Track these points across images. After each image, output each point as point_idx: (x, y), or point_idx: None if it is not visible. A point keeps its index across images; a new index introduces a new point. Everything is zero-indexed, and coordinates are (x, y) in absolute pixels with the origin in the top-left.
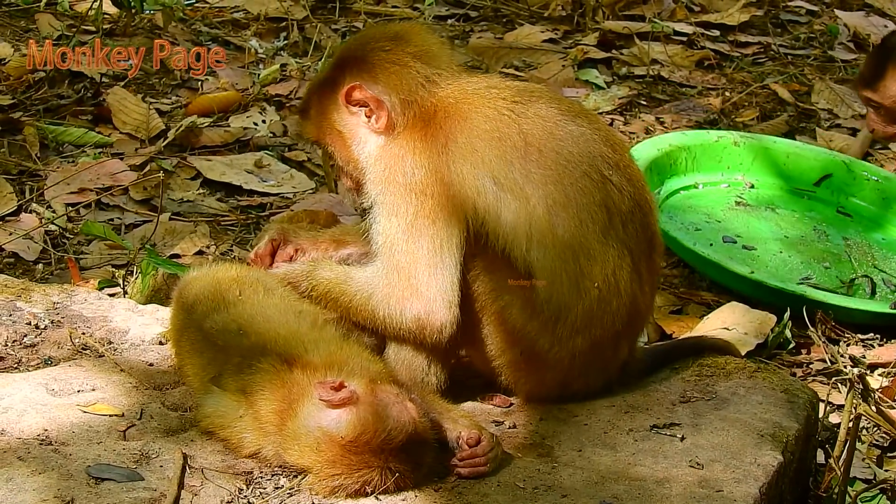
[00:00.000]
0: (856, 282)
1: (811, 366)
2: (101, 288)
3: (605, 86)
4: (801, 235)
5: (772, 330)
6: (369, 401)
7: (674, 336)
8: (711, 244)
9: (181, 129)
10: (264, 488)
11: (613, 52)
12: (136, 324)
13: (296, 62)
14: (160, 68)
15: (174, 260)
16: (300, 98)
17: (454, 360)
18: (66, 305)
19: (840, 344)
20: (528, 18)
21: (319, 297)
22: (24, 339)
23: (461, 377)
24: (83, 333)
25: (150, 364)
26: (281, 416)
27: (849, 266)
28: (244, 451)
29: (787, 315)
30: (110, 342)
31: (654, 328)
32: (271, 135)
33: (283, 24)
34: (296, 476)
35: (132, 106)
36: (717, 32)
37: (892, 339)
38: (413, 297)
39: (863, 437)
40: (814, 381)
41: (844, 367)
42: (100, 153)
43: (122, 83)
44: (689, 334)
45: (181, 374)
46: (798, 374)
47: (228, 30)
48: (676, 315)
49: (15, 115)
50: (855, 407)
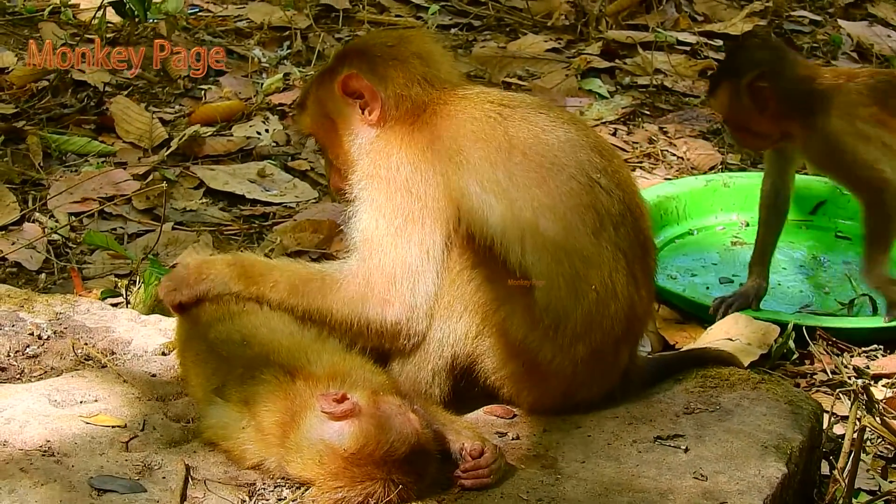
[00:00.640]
0: (856, 302)
1: (815, 377)
2: (103, 298)
3: (608, 95)
4: (800, 265)
5: (775, 341)
6: (371, 412)
7: (677, 347)
8: (707, 287)
9: (184, 138)
10: (267, 500)
11: (617, 61)
12: (138, 334)
13: (299, 71)
14: (163, 77)
15: None
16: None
17: (457, 373)
18: (69, 316)
19: (843, 355)
20: (531, 28)
21: (283, 294)
22: (27, 349)
23: (464, 388)
24: (86, 344)
25: (153, 375)
26: (283, 427)
27: (849, 289)
28: (247, 463)
29: (790, 326)
30: (113, 353)
31: (658, 338)
32: (274, 144)
33: (287, 33)
34: (298, 488)
35: (135, 115)
36: (720, 42)
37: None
38: (395, 301)
39: (867, 449)
40: (818, 392)
41: (848, 378)
42: (103, 162)
43: (126, 92)
44: (692, 345)
45: (185, 385)
46: (802, 386)
47: (232, 39)
48: (679, 325)
49: (18, 124)
50: (859, 418)
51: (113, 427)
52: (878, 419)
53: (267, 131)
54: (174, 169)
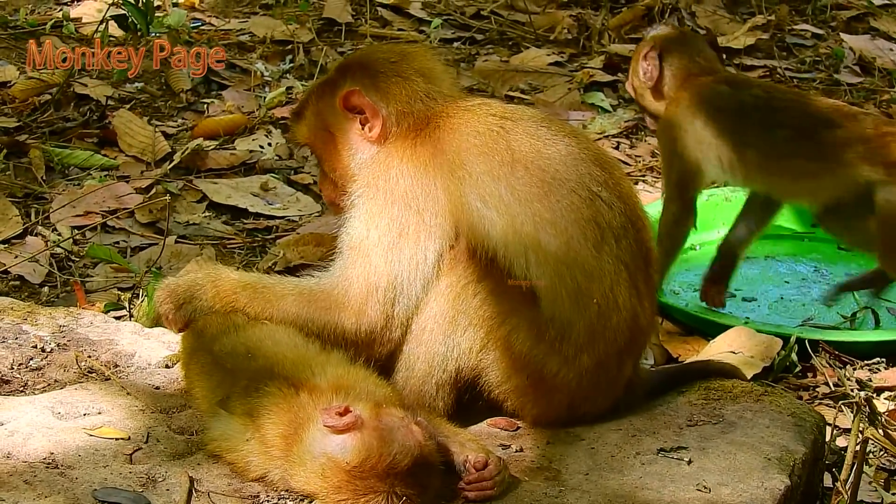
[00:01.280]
0: (858, 315)
1: (818, 389)
2: (107, 311)
3: (610, 109)
4: (803, 279)
5: (778, 354)
6: (374, 425)
7: (680, 359)
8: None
9: (187, 151)
10: None
11: (619, 75)
12: (142, 347)
13: (302, 85)
14: (166, 91)
15: None
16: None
17: (462, 386)
18: (72, 328)
19: (846, 368)
20: (533, 42)
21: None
22: (30, 362)
23: (468, 401)
24: (89, 356)
25: (157, 387)
26: (287, 440)
27: (851, 301)
28: (250, 475)
29: (793, 338)
30: (116, 365)
31: (661, 351)
32: (277, 158)
33: (289, 46)
34: (302, 500)
35: (138, 129)
36: (723, 55)
37: None
38: (373, 311)
39: (870, 461)
40: (820, 404)
41: (851, 390)
42: (105, 176)
43: (128, 106)
44: (695, 358)
45: (190, 397)
46: (805, 398)
47: (234, 52)
48: (682, 338)
49: (21, 137)
50: (862, 430)
51: (117, 439)
52: (880, 431)
53: (270, 145)
54: (177, 182)
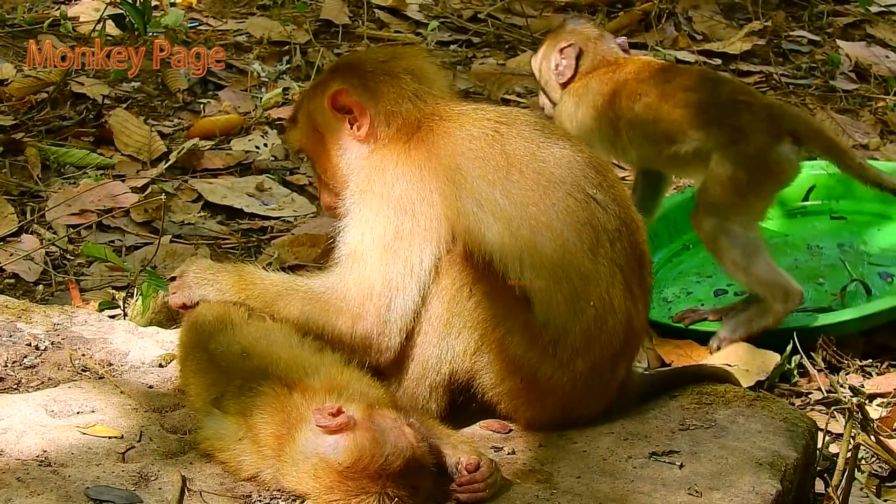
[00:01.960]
0: (848, 289)
1: (810, 395)
2: (101, 310)
3: None
4: (794, 259)
5: (776, 368)
6: (367, 426)
7: (673, 364)
8: (702, 303)
9: (183, 151)
10: None
11: None
12: (136, 346)
13: (298, 86)
14: (162, 90)
15: None
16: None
17: (455, 388)
18: (67, 327)
19: (839, 373)
20: (530, 45)
21: (267, 301)
22: (24, 360)
23: (462, 403)
24: (83, 355)
25: (150, 386)
26: (280, 440)
27: (844, 275)
28: (243, 474)
29: (788, 349)
30: (110, 364)
31: (655, 356)
32: (273, 158)
33: (286, 47)
34: (294, 500)
35: (134, 128)
36: (719, 61)
37: (891, 369)
38: (368, 316)
39: (862, 467)
40: (812, 410)
41: (843, 396)
42: (101, 175)
43: (125, 105)
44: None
45: (183, 395)
46: (797, 404)
47: (231, 53)
48: (675, 342)
49: (17, 135)
50: (853, 436)
51: (110, 438)
52: (872, 438)
53: (266, 145)
54: (173, 182)
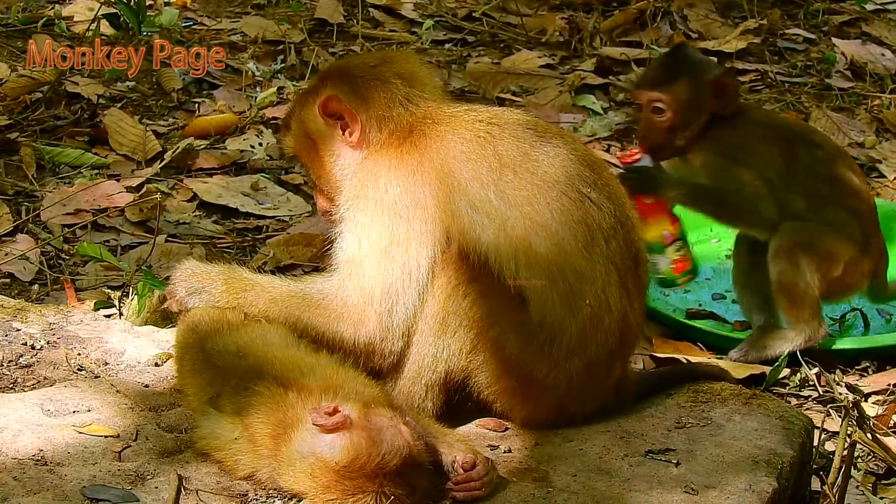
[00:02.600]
0: (847, 318)
1: (806, 393)
2: (97, 309)
3: (602, 112)
4: None
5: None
6: (363, 425)
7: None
8: (700, 304)
9: (178, 151)
10: None
11: (611, 78)
12: (131, 345)
13: (293, 85)
14: (157, 90)
15: None
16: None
17: (451, 387)
18: (62, 326)
19: (835, 372)
20: (525, 44)
21: (262, 307)
22: (20, 359)
23: (458, 402)
24: (79, 354)
25: (146, 385)
26: (276, 440)
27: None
28: (239, 474)
29: (786, 350)
30: (106, 363)
31: (650, 356)
32: (268, 157)
33: (281, 47)
34: (291, 499)
35: (129, 127)
36: (714, 59)
37: (886, 367)
38: (370, 322)
39: (858, 465)
40: (809, 409)
41: (840, 394)
42: (96, 174)
43: (119, 104)
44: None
45: (179, 395)
46: (793, 402)
47: (226, 52)
48: (672, 342)
49: (11, 135)
50: (849, 434)
51: (106, 437)
52: (868, 435)
53: (261, 145)
54: (168, 181)
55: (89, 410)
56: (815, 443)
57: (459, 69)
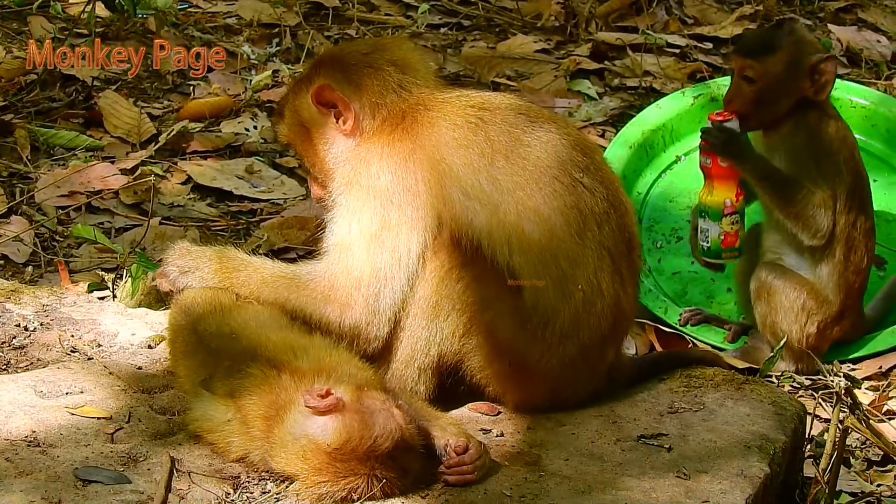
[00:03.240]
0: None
1: (799, 379)
2: (90, 291)
3: (597, 97)
4: None
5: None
6: (355, 408)
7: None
8: (692, 260)
9: (172, 133)
10: (251, 493)
11: (606, 63)
12: (125, 327)
13: (288, 68)
14: (152, 72)
15: None
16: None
17: (444, 371)
18: (56, 308)
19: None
20: (520, 28)
21: (253, 288)
22: (13, 340)
23: (450, 386)
24: (72, 336)
25: (139, 367)
26: (268, 422)
27: None
28: (231, 456)
29: (781, 342)
30: (99, 345)
31: (643, 341)
32: (262, 141)
33: (276, 30)
34: (283, 481)
35: (124, 110)
36: (709, 45)
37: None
38: (357, 305)
39: (855, 454)
40: (802, 395)
41: (832, 381)
42: (91, 156)
43: (114, 87)
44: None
45: (172, 377)
46: (786, 388)
47: (221, 35)
48: (665, 327)
49: (6, 117)
50: (841, 420)
51: (98, 419)
52: (861, 421)
53: (255, 128)
54: (162, 164)
55: (82, 392)
56: (808, 429)
57: (454, 53)
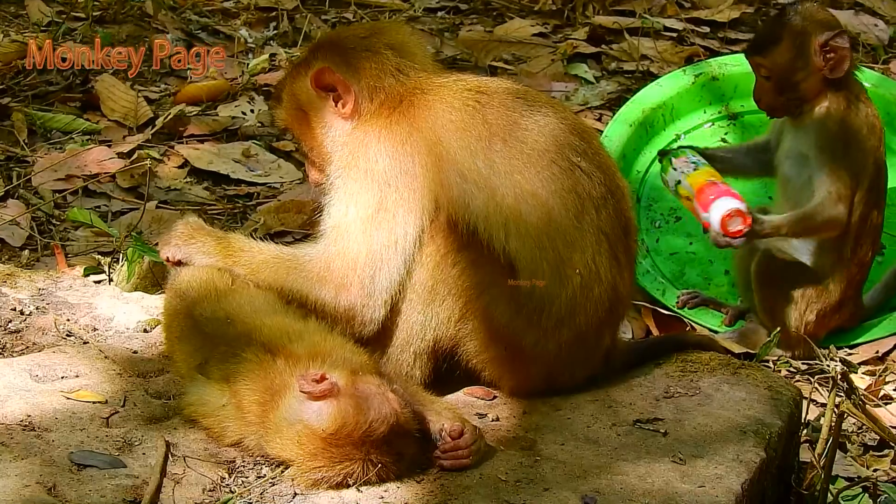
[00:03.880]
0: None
1: (795, 364)
2: (86, 275)
3: (594, 81)
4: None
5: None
6: (350, 393)
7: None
8: (691, 241)
9: (169, 117)
10: (246, 477)
11: (603, 47)
12: (120, 311)
13: (285, 52)
14: (149, 56)
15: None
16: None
17: (439, 355)
18: (52, 292)
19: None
20: (518, 12)
21: (251, 269)
22: (9, 324)
23: (446, 371)
24: (68, 320)
25: (135, 352)
26: (263, 407)
27: None
28: (227, 440)
29: (778, 329)
30: (95, 329)
31: (640, 325)
32: (259, 124)
33: (273, 13)
34: (278, 466)
35: (120, 93)
36: (707, 29)
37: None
38: (352, 286)
39: (852, 439)
40: (798, 380)
41: (828, 366)
42: (87, 140)
43: (111, 70)
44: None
45: (168, 361)
46: (783, 373)
47: (218, 19)
48: (663, 310)
49: (3, 100)
50: (837, 405)
51: (94, 403)
52: (857, 406)
53: (252, 111)
54: (159, 148)
55: (77, 376)
56: (805, 414)
57: (452, 37)
